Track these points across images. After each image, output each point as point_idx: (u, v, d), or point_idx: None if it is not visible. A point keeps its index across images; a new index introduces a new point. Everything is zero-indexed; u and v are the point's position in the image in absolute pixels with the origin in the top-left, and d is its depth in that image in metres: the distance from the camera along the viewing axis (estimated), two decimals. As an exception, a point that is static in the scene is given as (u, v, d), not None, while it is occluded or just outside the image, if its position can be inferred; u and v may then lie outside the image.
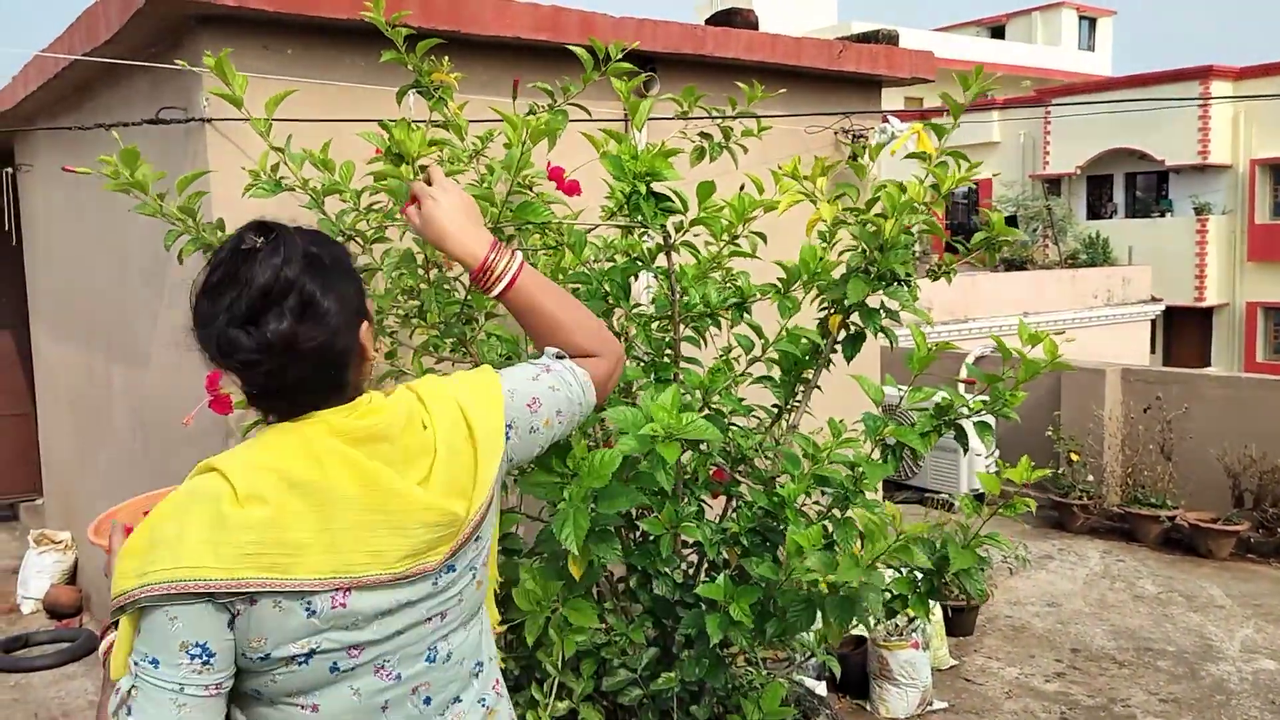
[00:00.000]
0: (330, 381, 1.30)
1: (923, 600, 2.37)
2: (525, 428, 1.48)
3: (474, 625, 1.46)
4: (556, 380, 1.52)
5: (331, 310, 1.27)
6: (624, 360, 1.62)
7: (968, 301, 13.78)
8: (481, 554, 1.43)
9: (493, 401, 1.43)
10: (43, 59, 4.18)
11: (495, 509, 1.45)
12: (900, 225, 2.24)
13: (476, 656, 1.46)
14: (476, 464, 1.37)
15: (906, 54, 4.70)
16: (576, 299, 1.63)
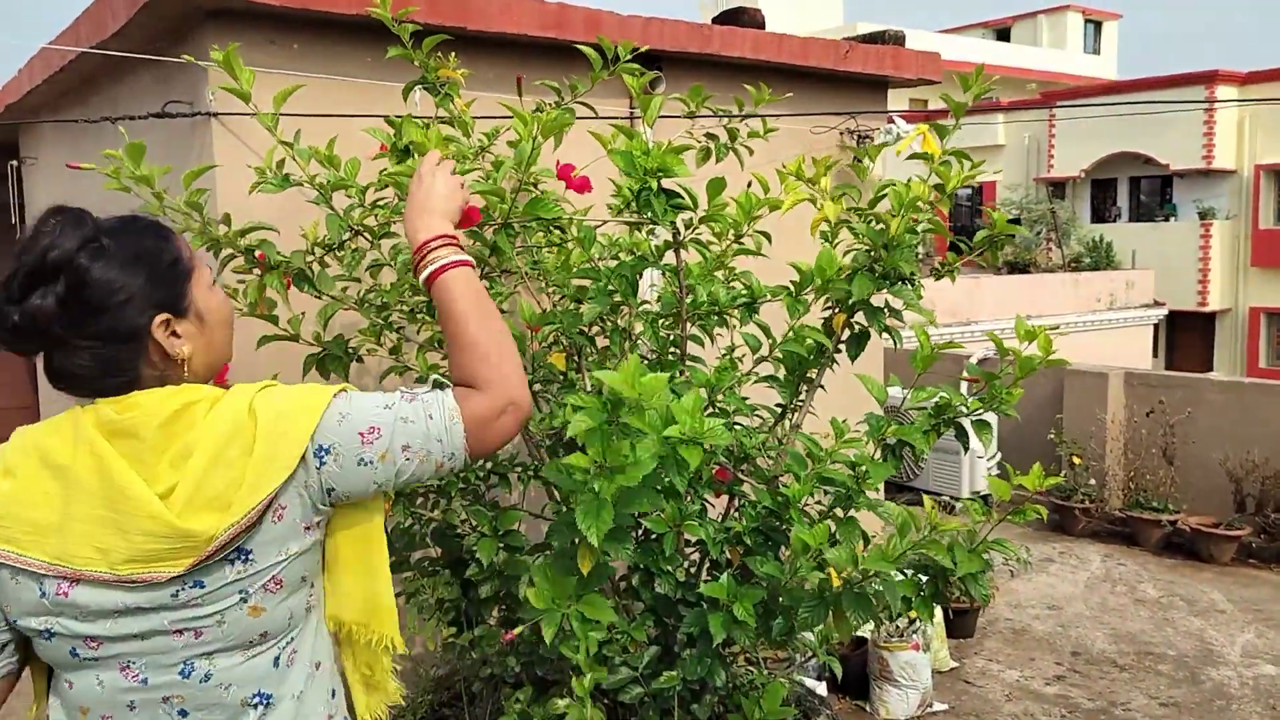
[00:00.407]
0: (109, 370, 1.30)
1: (927, 602, 2.37)
2: (352, 458, 1.36)
3: (259, 656, 1.38)
4: (413, 412, 1.39)
5: (104, 296, 1.28)
6: (521, 408, 1.46)
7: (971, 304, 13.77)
8: (257, 579, 1.33)
9: (303, 422, 1.34)
10: (49, 52, 4.18)
11: (296, 535, 1.36)
12: (906, 223, 2.24)
13: (260, 688, 1.38)
14: (248, 481, 1.30)
15: (913, 55, 4.70)
16: (502, 325, 1.50)
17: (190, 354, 1.37)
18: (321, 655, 1.47)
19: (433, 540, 2.63)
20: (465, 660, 2.82)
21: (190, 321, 1.37)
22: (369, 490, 1.40)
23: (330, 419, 1.36)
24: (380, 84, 3.41)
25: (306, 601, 1.43)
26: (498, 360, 1.46)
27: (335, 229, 2.12)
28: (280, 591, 1.37)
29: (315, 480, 1.35)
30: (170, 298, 1.35)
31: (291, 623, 1.40)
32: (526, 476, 2.69)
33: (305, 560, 1.39)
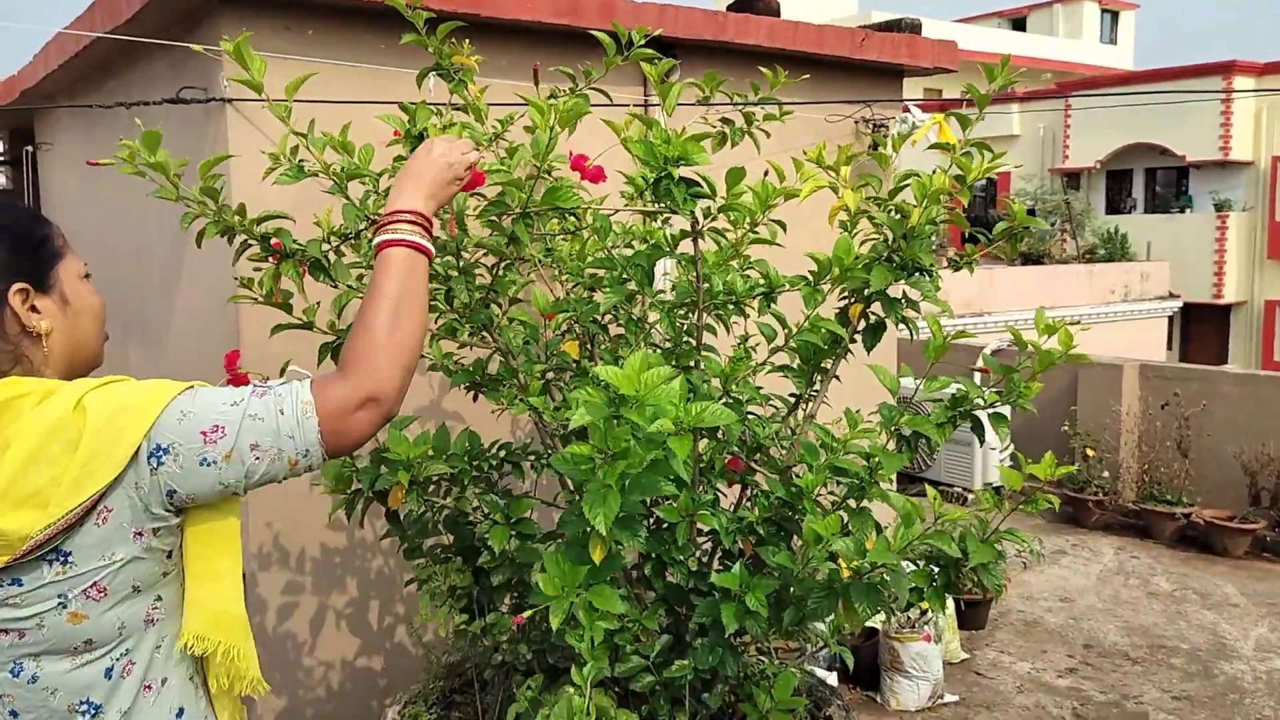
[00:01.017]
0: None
1: (939, 593, 2.36)
2: (193, 458, 1.30)
3: (90, 664, 1.34)
4: (263, 408, 1.34)
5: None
6: (381, 405, 1.39)
7: (984, 296, 13.72)
8: (76, 583, 1.29)
9: (137, 420, 1.29)
10: (64, 37, 4.19)
11: (123, 540, 1.31)
12: (928, 214, 2.22)
13: (87, 696, 1.34)
14: (68, 479, 1.25)
15: (929, 44, 4.66)
16: (415, 326, 1.46)
17: (49, 330, 1.35)
18: (166, 673, 1.41)
19: (445, 527, 2.63)
20: (477, 647, 2.82)
21: (53, 300, 1.37)
22: (214, 491, 1.34)
23: (169, 417, 1.30)
24: (394, 70, 3.41)
25: (145, 613, 1.37)
26: (381, 351, 1.41)
27: (351, 218, 2.12)
28: (104, 599, 1.32)
29: (150, 482, 1.30)
30: (33, 271, 1.35)
31: (123, 633, 1.35)
32: (539, 465, 2.69)
33: (136, 569, 1.33)
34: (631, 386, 1.58)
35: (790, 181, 2.47)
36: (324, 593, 3.48)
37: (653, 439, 1.64)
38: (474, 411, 3.60)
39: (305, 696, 3.47)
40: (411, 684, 3.49)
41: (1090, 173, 23.74)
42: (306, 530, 3.44)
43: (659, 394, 1.61)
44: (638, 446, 1.62)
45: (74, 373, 1.42)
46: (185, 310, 3.77)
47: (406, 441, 2.33)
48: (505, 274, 2.38)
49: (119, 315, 4.71)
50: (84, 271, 1.46)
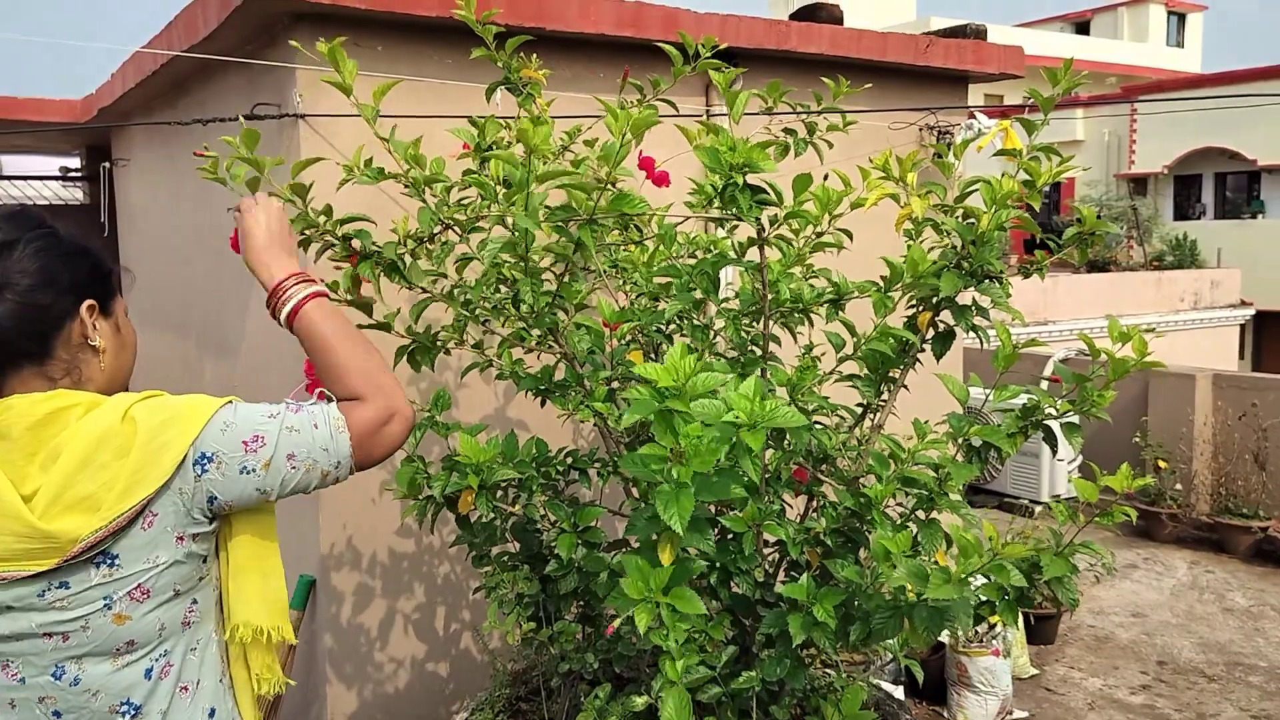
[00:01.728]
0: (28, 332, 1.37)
1: (1011, 607, 2.32)
2: (235, 466, 1.40)
3: (130, 666, 1.41)
4: (299, 422, 1.44)
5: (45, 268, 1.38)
6: (404, 415, 1.53)
7: (1047, 303, 13.48)
8: (121, 585, 1.36)
9: (186, 428, 1.38)
10: (142, 56, 4.32)
11: (167, 544, 1.38)
12: (998, 219, 2.20)
13: (128, 697, 1.41)
14: (120, 485, 1.33)
15: (995, 49, 4.61)
16: (367, 344, 1.58)
17: (104, 348, 1.44)
18: (200, 675, 1.48)
19: (512, 534, 2.66)
20: (543, 655, 2.84)
21: (110, 326, 1.47)
22: (252, 498, 1.43)
23: (213, 428, 1.39)
24: (459, 85, 3.46)
25: (183, 616, 1.44)
26: (371, 375, 1.53)
27: (427, 221, 2.16)
28: (147, 601, 1.39)
29: (194, 488, 1.38)
30: (100, 293, 1.45)
31: (163, 634, 1.42)
32: (606, 472, 2.70)
33: (176, 572, 1.40)
34: (670, 377, 1.59)
35: (854, 188, 2.46)
36: (393, 596, 3.53)
37: (724, 435, 1.65)
38: (537, 421, 3.63)
39: (374, 694, 3.52)
40: (477, 690, 3.52)
41: (1157, 178, 23.23)
42: (376, 535, 3.49)
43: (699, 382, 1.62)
44: (709, 444, 1.62)
45: (111, 389, 1.49)
46: (259, 321, 3.86)
47: (477, 446, 2.36)
48: (571, 281, 2.40)
49: (195, 327, 4.83)
50: (126, 309, 1.56)
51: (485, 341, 2.60)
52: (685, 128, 2.45)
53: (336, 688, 3.46)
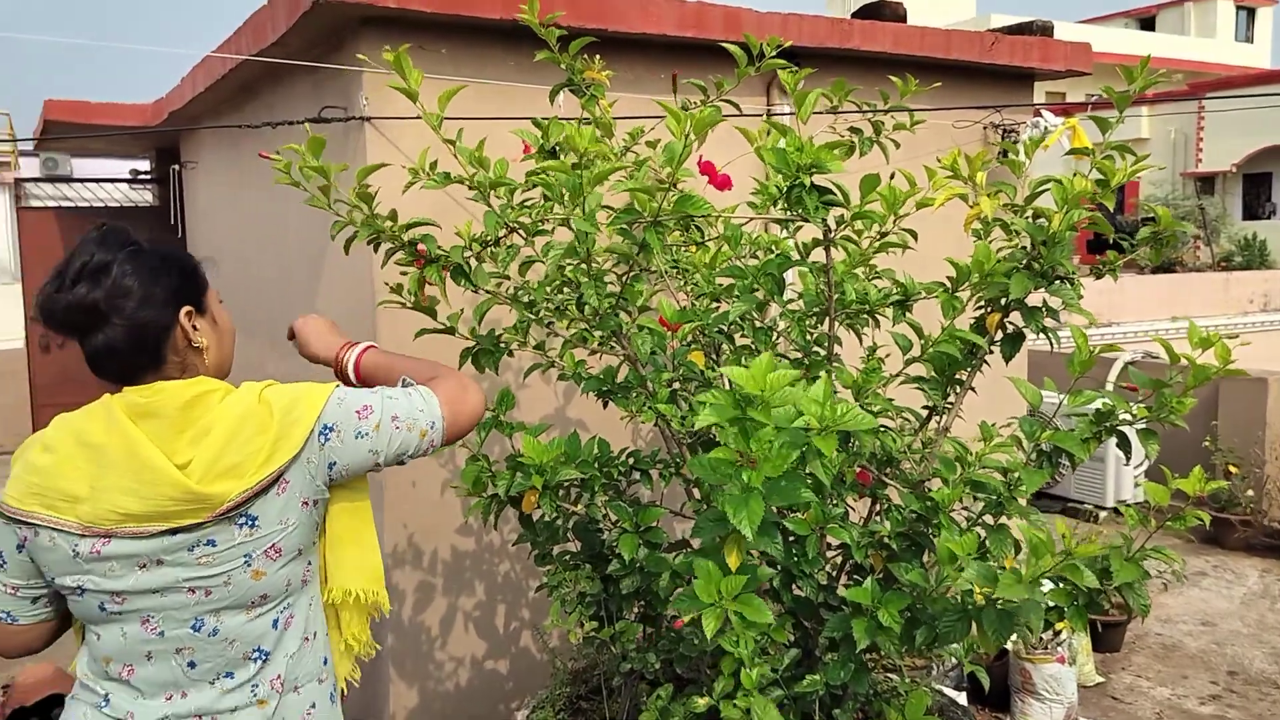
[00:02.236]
0: (141, 348, 1.55)
1: (1081, 613, 2.28)
2: (351, 431, 1.62)
3: (261, 617, 1.61)
4: (396, 393, 1.69)
5: (142, 287, 1.54)
6: (476, 387, 1.76)
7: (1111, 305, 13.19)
8: (259, 543, 1.56)
9: (311, 406, 1.60)
10: (211, 60, 4.40)
11: (294, 508, 1.59)
12: (1070, 220, 2.16)
13: (259, 645, 1.61)
14: (263, 454, 1.54)
15: (1062, 46, 4.53)
16: (413, 360, 1.84)
17: (207, 346, 1.63)
18: (316, 627, 1.71)
19: (574, 534, 2.67)
20: (604, 654, 2.84)
21: (207, 321, 1.65)
22: (367, 460, 1.65)
23: (332, 403, 1.62)
24: (522, 86, 3.48)
25: (303, 574, 1.66)
26: (439, 367, 1.80)
27: (492, 225, 2.18)
28: (279, 559, 1.60)
29: (319, 456, 1.60)
30: (193, 296, 1.63)
31: (288, 590, 1.64)
32: (668, 473, 2.70)
33: (301, 534, 1.62)
34: (757, 385, 1.58)
35: (918, 188, 2.43)
36: (454, 594, 3.56)
37: (795, 440, 1.63)
38: (595, 421, 3.64)
39: (435, 690, 3.56)
40: (537, 688, 3.54)
41: (1225, 177, 22.65)
42: (438, 533, 3.52)
43: (785, 395, 1.60)
44: (780, 449, 1.61)
45: (219, 374, 1.70)
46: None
47: (541, 446, 2.37)
48: (634, 282, 2.40)
49: (261, 326, 4.92)
50: (219, 298, 1.74)
51: (547, 343, 2.61)
52: (745, 129, 2.44)
53: (399, 685, 3.50)
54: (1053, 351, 2.49)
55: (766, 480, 1.64)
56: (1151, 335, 2.69)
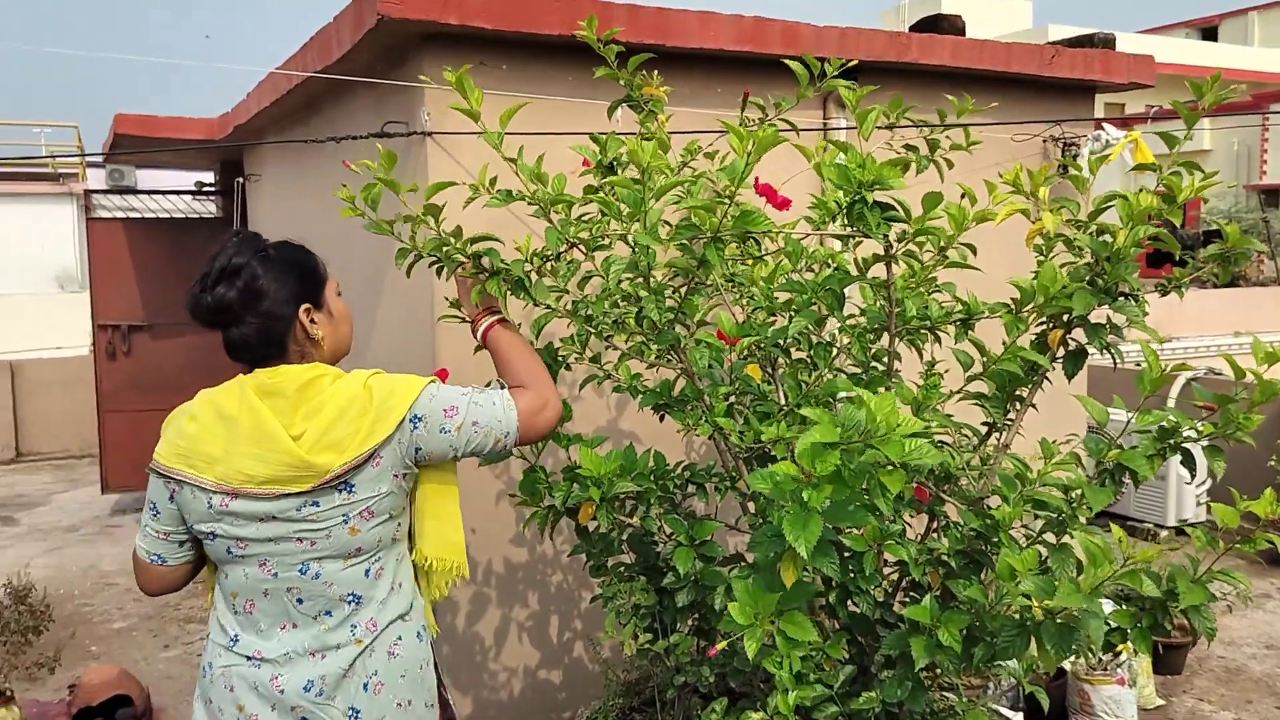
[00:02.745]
0: (268, 341, 1.86)
1: (1145, 635, 2.24)
2: (436, 426, 1.88)
3: (355, 566, 1.90)
4: (481, 398, 1.93)
5: (269, 289, 1.85)
6: (555, 406, 2.00)
7: (1172, 320, 12.92)
8: (355, 506, 1.85)
9: (406, 396, 1.87)
10: (276, 76, 4.51)
11: (386, 479, 1.87)
12: (1135, 236, 2.13)
13: (353, 589, 1.91)
14: (361, 434, 1.81)
15: (1124, 58, 4.47)
16: (536, 356, 2.10)
17: (323, 337, 1.92)
18: (403, 578, 1.99)
19: (629, 546, 2.68)
20: (658, 667, 2.85)
21: (324, 314, 1.94)
22: (446, 452, 1.91)
23: (424, 397, 1.88)
24: (580, 102, 3.51)
25: (393, 533, 1.94)
26: (537, 375, 2.03)
27: (554, 240, 2.20)
28: (371, 520, 1.88)
29: (408, 440, 1.87)
30: (311, 295, 1.92)
31: (379, 545, 1.92)
32: (723, 487, 2.70)
33: (391, 500, 1.89)
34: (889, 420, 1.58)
35: (977, 202, 2.42)
36: (507, 605, 3.59)
37: (862, 469, 1.63)
38: (648, 433, 3.65)
39: (489, 699, 3.59)
40: (590, 699, 3.56)
41: (1292, 189, 22.09)
42: (492, 544, 3.56)
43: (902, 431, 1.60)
44: (846, 475, 1.61)
45: (335, 359, 2.00)
46: (385, 332, 3.98)
47: (598, 459, 2.39)
48: (692, 296, 2.42)
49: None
50: (338, 289, 2.04)
51: (603, 355, 2.63)
52: (803, 146, 2.44)
53: (453, 695, 3.54)
54: (1115, 368, 2.46)
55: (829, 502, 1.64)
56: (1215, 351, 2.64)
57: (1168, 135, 2.34)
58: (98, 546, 7.26)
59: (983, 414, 2.54)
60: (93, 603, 6.10)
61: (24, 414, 10.78)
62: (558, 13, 3.29)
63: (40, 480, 9.70)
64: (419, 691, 2.01)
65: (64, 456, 10.76)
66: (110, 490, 8.10)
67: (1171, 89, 3.88)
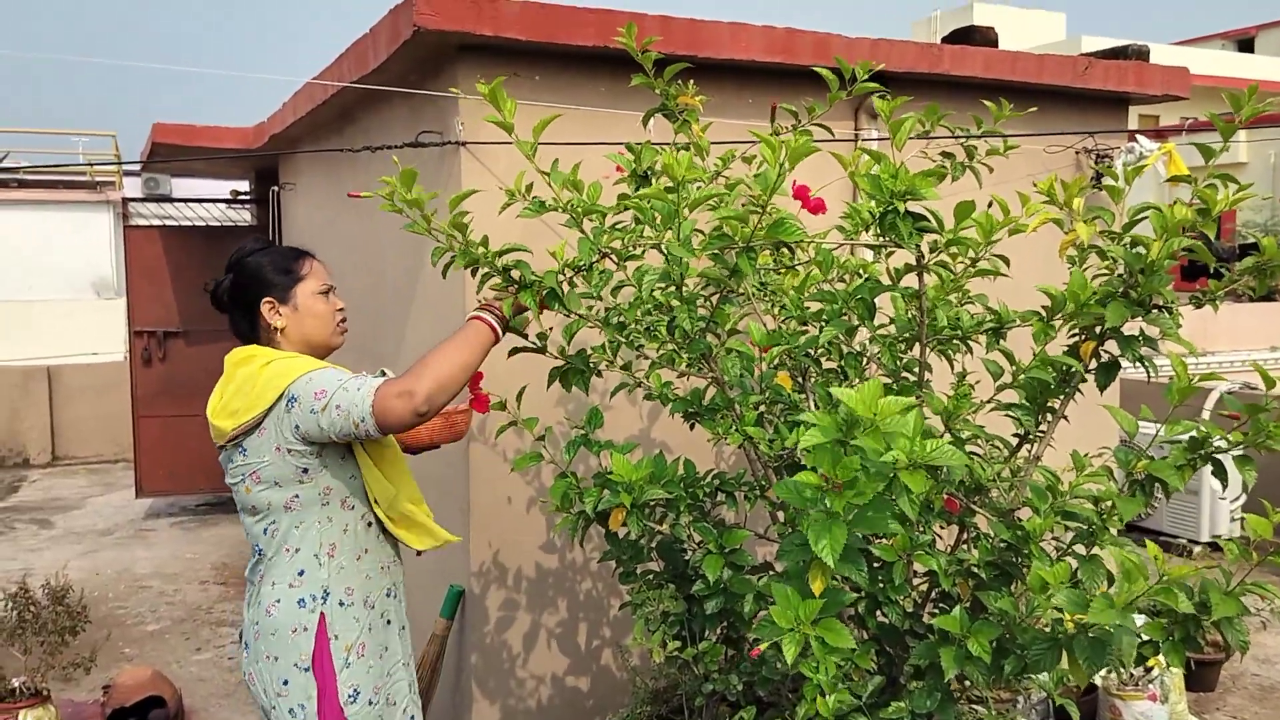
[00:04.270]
0: (241, 325, 2.34)
1: (1177, 648, 2.22)
2: (307, 407, 2.12)
3: (259, 522, 2.25)
4: (351, 384, 2.12)
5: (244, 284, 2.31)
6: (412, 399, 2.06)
7: (1206, 333, 12.77)
8: (248, 468, 2.20)
9: (285, 379, 2.14)
10: (313, 86, 4.57)
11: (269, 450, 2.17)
12: (1169, 248, 2.12)
13: (258, 542, 2.28)
14: (247, 406, 2.16)
15: (1158, 70, 4.45)
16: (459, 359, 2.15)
17: (283, 326, 2.29)
18: (301, 546, 2.23)
19: (658, 553, 2.69)
20: (686, 674, 2.85)
21: (288, 308, 2.30)
22: (318, 431, 2.13)
23: (301, 381, 2.14)
24: (612, 112, 3.54)
25: (285, 502, 2.22)
26: (425, 367, 2.10)
27: (586, 251, 2.23)
28: (260, 484, 2.21)
29: (285, 418, 2.14)
30: (276, 291, 2.29)
31: (270, 508, 2.23)
32: (753, 496, 2.71)
33: (275, 470, 2.19)
34: (868, 410, 1.58)
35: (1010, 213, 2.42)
36: (536, 611, 3.61)
37: (881, 471, 1.63)
38: (678, 441, 3.66)
39: (517, 708, 3.60)
40: (618, 706, 3.56)
41: (1329, 202, 21.79)
42: (522, 550, 3.58)
43: (894, 422, 1.60)
44: (866, 478, 1.61)
45: (312, 351, 2.32)
46: (416, 339, 4.02)
47: (629, 465, 2.40)
48: (723, 305, 2.43)
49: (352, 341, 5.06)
50: (321, 289, 2.36)
51: (634, 363, 2.65)
52: (838, 154, 2.46)
53: (481, 703, 3.56)
54: (1149, 380, 2.45)
55: (851, 507, 1.64)
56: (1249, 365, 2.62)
57: (1203, 147, 2.34)
58: (132, 550, 7.35)
59: (1014, 426, 2.53)
60: (126, 605, 6.18)
61: (60, 419, 10.94)
62: (593, 24, 3.33)
63: (75, 484, 9.84)
64: (288, 652, 2.22)
65: (99, 461, 10.91)
66: (144, 494, 8.21)
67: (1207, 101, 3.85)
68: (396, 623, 2.42)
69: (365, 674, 2.29)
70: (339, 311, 2.38)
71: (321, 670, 2.24)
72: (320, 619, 2.23)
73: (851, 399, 1.64)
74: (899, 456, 1.70)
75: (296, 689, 2.23)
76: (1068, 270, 2.39)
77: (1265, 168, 22.47)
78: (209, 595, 6.34)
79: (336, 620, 2.25)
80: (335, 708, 2.23)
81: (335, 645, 2.24)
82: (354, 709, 2.25)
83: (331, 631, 2.24)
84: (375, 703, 2.30)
